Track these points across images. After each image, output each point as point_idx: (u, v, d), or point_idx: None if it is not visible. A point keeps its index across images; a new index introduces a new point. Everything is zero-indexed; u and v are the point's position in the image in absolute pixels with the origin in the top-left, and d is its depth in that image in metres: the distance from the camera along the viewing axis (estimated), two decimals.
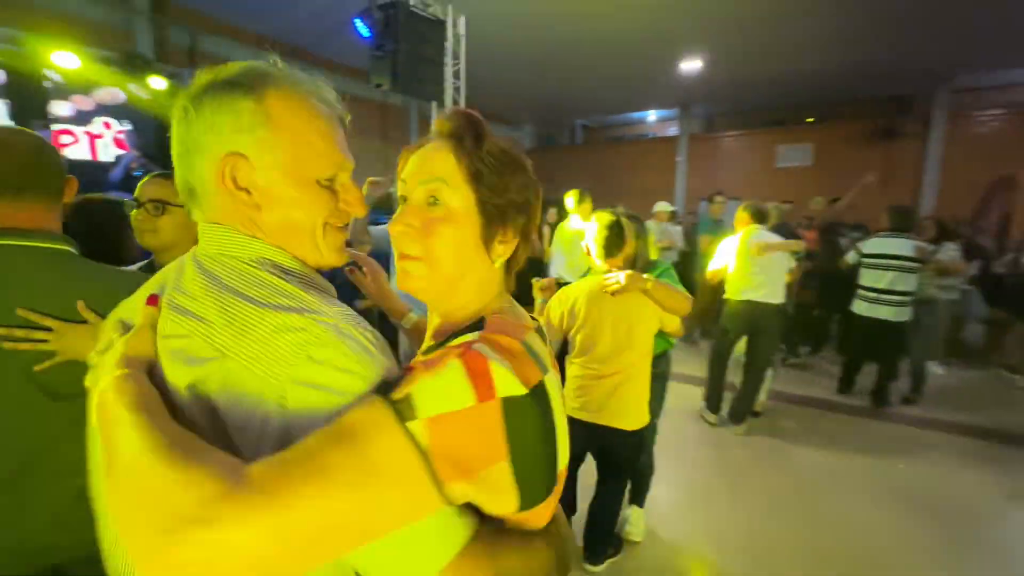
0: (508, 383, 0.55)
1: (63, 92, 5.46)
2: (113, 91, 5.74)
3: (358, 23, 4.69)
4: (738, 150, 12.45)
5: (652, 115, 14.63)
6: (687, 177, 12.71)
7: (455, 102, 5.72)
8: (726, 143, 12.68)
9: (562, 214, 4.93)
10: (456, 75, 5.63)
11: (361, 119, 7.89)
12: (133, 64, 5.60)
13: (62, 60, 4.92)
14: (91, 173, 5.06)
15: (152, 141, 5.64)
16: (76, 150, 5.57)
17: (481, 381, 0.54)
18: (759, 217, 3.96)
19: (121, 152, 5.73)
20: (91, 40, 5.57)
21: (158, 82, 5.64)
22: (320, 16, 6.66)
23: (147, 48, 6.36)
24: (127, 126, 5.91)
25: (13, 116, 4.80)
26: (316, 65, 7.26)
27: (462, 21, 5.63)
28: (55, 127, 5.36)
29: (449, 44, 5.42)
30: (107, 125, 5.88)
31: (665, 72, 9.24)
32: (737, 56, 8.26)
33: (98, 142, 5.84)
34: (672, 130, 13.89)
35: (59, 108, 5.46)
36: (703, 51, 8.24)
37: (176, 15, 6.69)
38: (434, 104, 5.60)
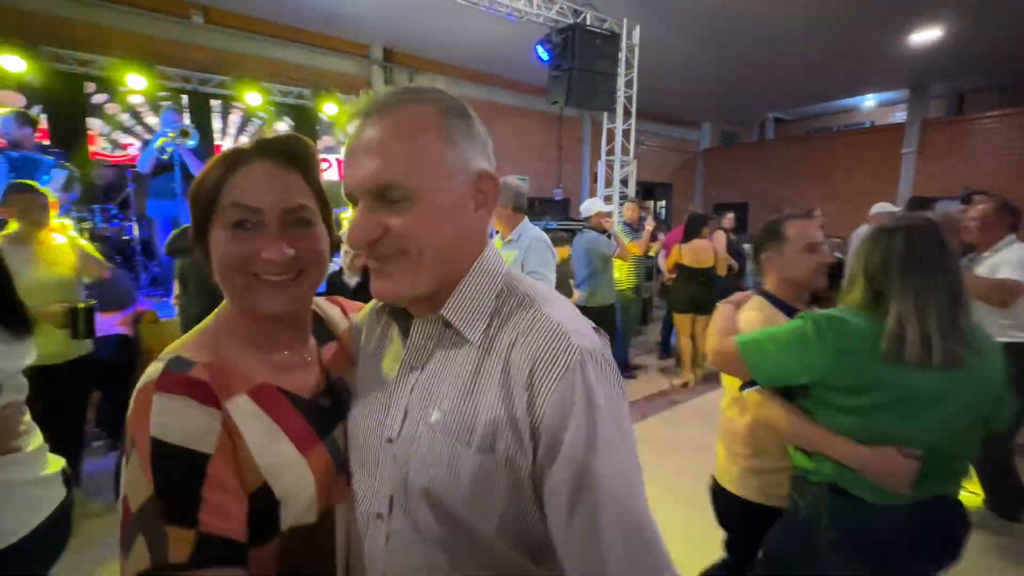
0: None
1: (327, 129, 7.37)
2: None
3: (539, 49, 5.21)
4: (998, 135, 9.65)
5: (870, 100, 12.29)
6: (915, 172, 10.36)
7: (626, 110, 5.86)
8: (979, 127, 9.94)
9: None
10: (628, 84, 5.76)
11: (540, 132, 8.56)
12: None
13: (328, 107, 6.70)
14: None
15: None
16: (330, 173, 7.40)
17: None
18: None
19: None
20: (345, 89, 7.36)
21: None
22: (506, 45, 7.46)
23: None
24: None
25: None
26: (504, 87, 8.15)
27: (636, 32, 5.73)
28: (321, 155, 7.30)
29: (622, 55, 5.58)
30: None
31: (888, 48, 7.75)
32: (999, 15, 6.48)
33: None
34: (898, 115, 11.45)
35: (326, 141, 7.41)
36: (943, 17, 6.69)
37: (400, 60, 8.26)
38: (606, 113, 5.85)
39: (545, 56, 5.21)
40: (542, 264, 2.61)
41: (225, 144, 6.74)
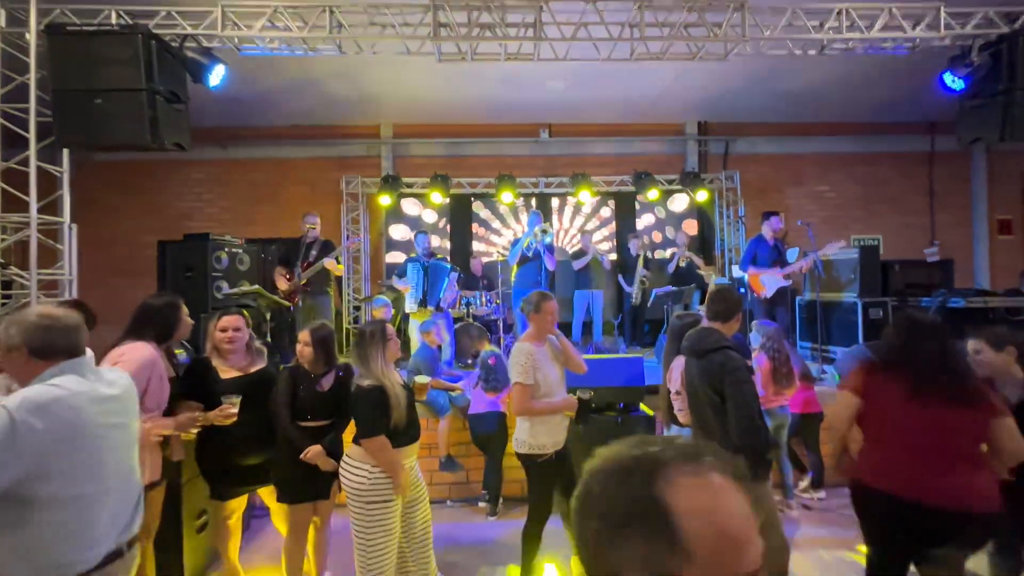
0: None
1: (646, 208, 7.62)
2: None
3: (947, 77, 3.96)
4: None
5: None
6: None
7: None
8: None
9: None
10: None
11: (898, 177, 6.65)
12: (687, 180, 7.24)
13: (650, 191, 6.92)
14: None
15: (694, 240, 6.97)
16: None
17: None
18: None
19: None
20: (663, 169, 7.53)
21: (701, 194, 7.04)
22: (854, 84, 6.22)
23: (694, 164, 7.88)
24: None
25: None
26: (842, 133, 6.77)
27: None
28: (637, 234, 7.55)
29: None
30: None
31: None
32: None
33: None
34: None
35: (644, 220, 7.66)
36: None
37: (714, 131, 7.98)
38: None
39: (959, 84, 3.91)
40: None
41: (562, 236, 7.73)
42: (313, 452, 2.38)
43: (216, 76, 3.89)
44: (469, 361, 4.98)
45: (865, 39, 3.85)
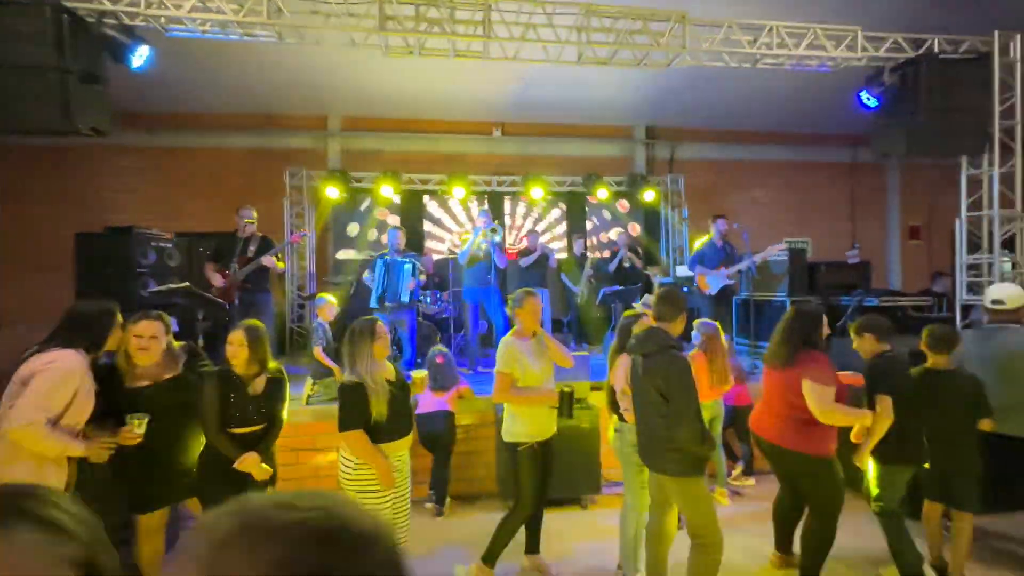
0: None
1: (596, 211, 7.82)
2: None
3: (863, 96, 4.31)
4: None
5: None
6: None
7: (1003, 146, 4.28)
8: None
9: None
10: (1007, 113, 4.23)
11: (827, 185, 7.20)
12: (634, 182, 7.44)
13: (599, 191, 7.08)
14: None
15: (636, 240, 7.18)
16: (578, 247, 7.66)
17: None
18: None
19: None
20: (613, 171, 7.73)
21: (648, 194, 7.26)
22: (786, 98, 6.64)
23: (641, 167, 8.14)
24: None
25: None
26: (778, 142, 7.27)
27: (1016, 43, 4.23)
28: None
29: (995, 78, 4.16)
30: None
31: None
32: None
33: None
34: None
35: (593, 222, 7.83)
36: None
37: (662, 135, 8.27)
38: (964, 159, 4.39)
39: (873, 102, 4.26)
40: None
41: (511, 233, 7.78)
42: (249, 461, 2.27)
43: (139, 57, 3.60)
44: (420, 360, 4.92)
45: (792, 56, 4.12)
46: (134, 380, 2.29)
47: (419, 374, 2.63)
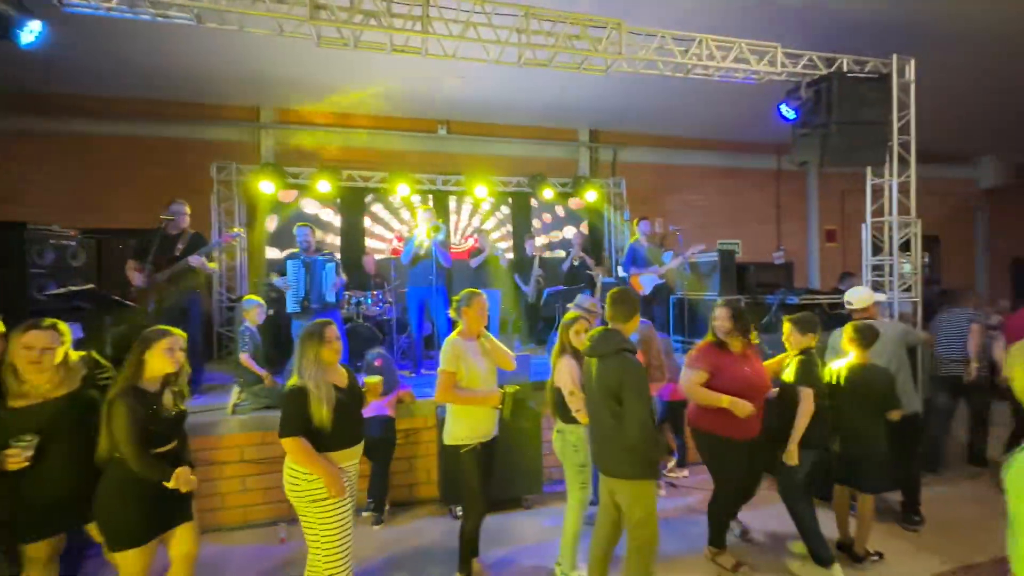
0: None
1: (538, 212, 7.86)
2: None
3: (783, 108, 4.62)
4: None
5: None
6: None
7: (901, 159, 4.73)
8: None
9: None
10: (903, 129, 4.67)
11: (755, 190, 7.68)
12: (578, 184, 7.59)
13: (545, 191, 7.15)
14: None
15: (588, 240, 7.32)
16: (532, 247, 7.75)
17: None
18: None
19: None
20: (557, 173, 7.84)
21: (591, 194, 7.41)
22: (719, 108, 7.02)
23: (585, 169, 8.32)
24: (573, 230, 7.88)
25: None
26: (712, 148, 7.66)
27: (910, 67, 4.69)
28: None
29: (894, 96, 4.59)
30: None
31: None
32: None
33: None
34: None
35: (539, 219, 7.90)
36: None
37: (605, 139, 8.49)
38: (869, 169, 4.81)
39: (792, 114, 4.58)
40: None
41: (456, 235, 7.70)
42: (184, 476, 2.08)
43: (30, 33, 3.23)
44: (359, 364, 4.74)
45: (720, 67, 4.35)
46: (21, 398, 2.04)
47: (372, 379, 2.53)
